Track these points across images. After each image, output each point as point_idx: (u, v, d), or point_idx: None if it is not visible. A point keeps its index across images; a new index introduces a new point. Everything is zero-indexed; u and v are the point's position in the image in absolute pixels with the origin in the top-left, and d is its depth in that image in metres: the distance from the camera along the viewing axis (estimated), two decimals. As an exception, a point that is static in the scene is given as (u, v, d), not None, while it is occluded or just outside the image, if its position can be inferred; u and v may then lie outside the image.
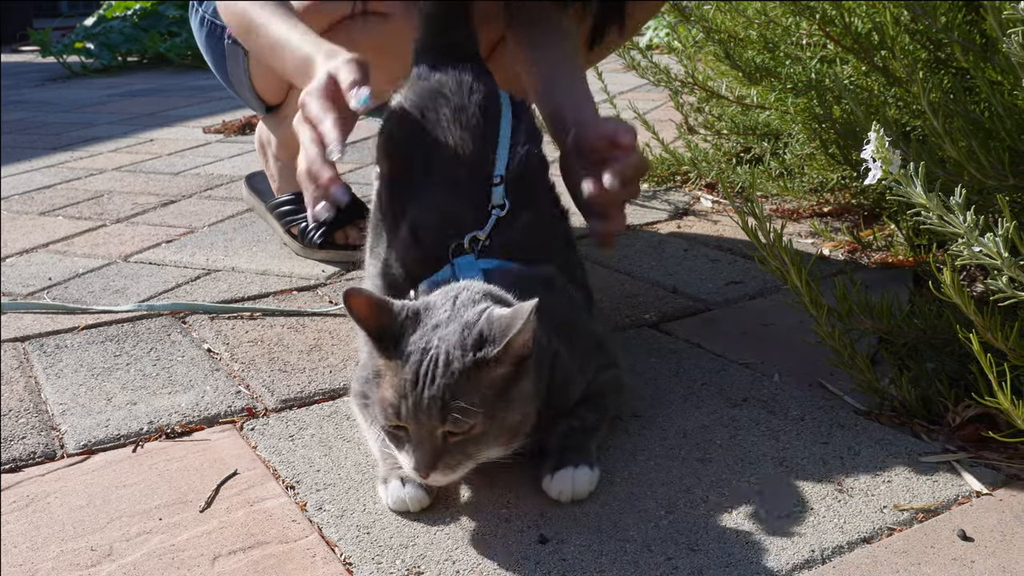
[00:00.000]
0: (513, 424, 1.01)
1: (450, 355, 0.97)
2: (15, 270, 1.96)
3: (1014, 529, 0.98)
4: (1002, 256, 0.94)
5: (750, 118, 2.19)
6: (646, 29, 5.22)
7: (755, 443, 1.17)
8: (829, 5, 1.50)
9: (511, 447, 1.03)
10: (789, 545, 0.97)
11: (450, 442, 0.97)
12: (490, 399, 0.97)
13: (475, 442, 0.98)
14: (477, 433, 0.98)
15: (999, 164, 1.14)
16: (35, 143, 3.51)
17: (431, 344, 0.98)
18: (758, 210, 1.12)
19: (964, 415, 1.16)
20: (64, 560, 1.00)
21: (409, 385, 0.97)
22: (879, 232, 1.87)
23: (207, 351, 1.51)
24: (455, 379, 0.96)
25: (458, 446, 0.98)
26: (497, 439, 1.00)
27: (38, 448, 1.23)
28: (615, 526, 1.01)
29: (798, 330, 1.37)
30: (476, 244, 1.20)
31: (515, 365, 0.99)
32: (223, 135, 3.48)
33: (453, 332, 0.98)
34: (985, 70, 1.24)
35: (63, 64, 6.22)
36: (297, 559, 0.99)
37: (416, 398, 0.96)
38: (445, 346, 0.97)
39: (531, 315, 0.96)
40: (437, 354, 0.97)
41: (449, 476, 0.99)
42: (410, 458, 0.98)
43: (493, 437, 1.00)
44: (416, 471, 0.98)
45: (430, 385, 0.96)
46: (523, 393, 1.01)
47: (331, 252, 1.91)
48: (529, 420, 1.03)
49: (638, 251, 1.91)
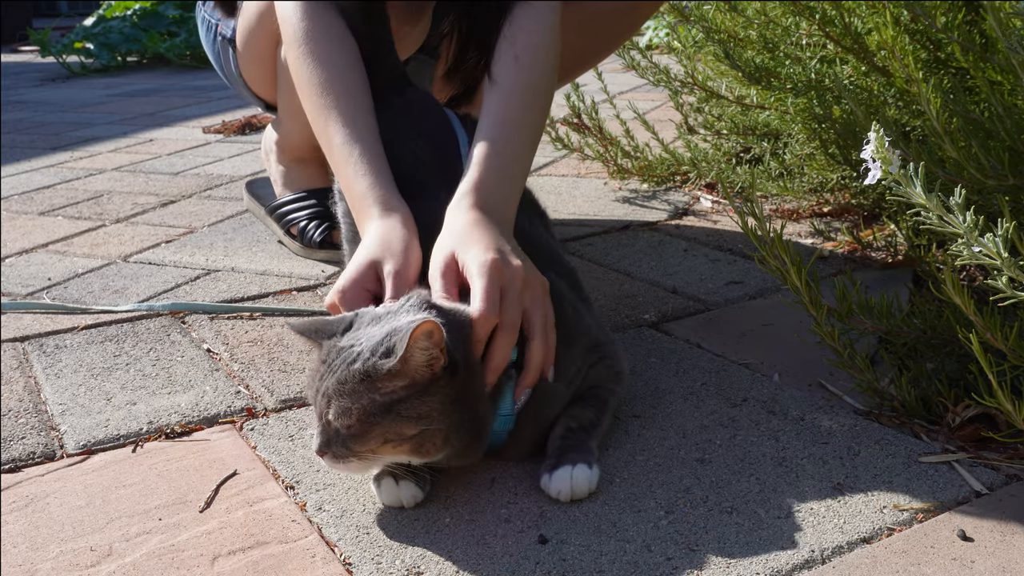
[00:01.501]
0: (408, 436, 1.00)
1: (357, 356, 1.00)
2: (15, 270, 1.96)
3: (1014, 529, 0.98)
4: (1002, 256, 0.94)
5: (750, 118, 2.18)
6: (646, 29, 5.22)
7: (755, 443, 1.17)
8: (829, 5, 1.50)
9: (423, 459, 1.03)
10: (789, 545, 0.97)
11: (343, 433, 1.00)
12: (378, 406, 0.98)
13: (359, 442, 1.00)
14: (357, 434, 0.99)
15: (999, 164, 1.14)
16: (35, 143, 3.51)
17: (352, 343, 1.02)
18: (758, 210, 1.12)
19: (964, 415, 1.16)
20: (64, 560, 1.00)
21: (315, 373, 1.03)
22: (879, 232, 1.87)
23: (207, 351, 1.51)
24: (346, 378, 0.99)
25: (345, 441, 1.00)
26: (390, 446, 1.00)
27: (38, 448, 1.23)
28: (615, 526, 1.01)
29: (798, 330, 1.37)
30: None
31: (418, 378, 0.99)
32: (223, 135, 3.48)
33: (376, 335, 1.02)
34: (985, 70, 1.24)
35: (63, 64, 6.22)
36: (297, 559, 0.99)
37: (316, 386, 1.02)
38: (360, 348, 1.01)
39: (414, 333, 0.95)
40: (350, 353, 1.01)
41: (339, 466, 1.02)
42: (314, 439, 1.03)
43: (381, 443, 1.00)
44: (314, 450, 1.02)
45: (329, 378, 1.01)
46: (422, 411, 0.99)
47: (330, 252, 1.91)
48: (436, 437, 1.01)
49: (638, 251, 1.91)
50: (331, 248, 1.91)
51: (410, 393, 0.99)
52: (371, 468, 1.05)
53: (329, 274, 1.84)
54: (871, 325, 1.20)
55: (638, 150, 2.40)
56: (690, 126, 2.54)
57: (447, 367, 1.00)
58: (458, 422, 1.02)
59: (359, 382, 0.99)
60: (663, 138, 2.40)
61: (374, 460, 1.02)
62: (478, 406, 1.05)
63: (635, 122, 2.50)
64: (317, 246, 1.91)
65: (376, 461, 1.03)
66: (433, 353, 0.98)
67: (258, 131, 3.46)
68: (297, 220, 1.95)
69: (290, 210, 1.97)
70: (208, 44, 1.95)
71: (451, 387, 1.01)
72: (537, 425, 1.13)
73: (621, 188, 2.41)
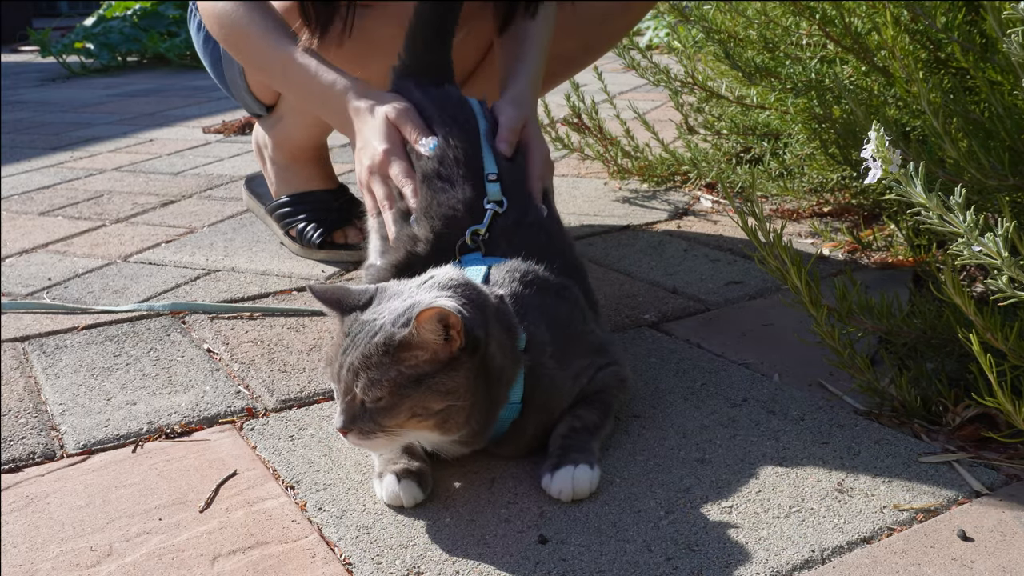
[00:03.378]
0: (435, 411, 1.02)
1: (380, 329, 1.01)
2: (15, 270, 1.96)
3: (1014, 529, 0.98)
4: (1002, 256, 0.94)
5: (750, 118, 2.18)
6: (646, 29, 5.22)
7: (755, 443, 1.17)
8: (829, 5, 1.50)
9: (445, 436, 1.05)
10: (789, 545, 0.97)
11: (367, 409, 1.01)
12: (406, 379, 1.00)
13: (388, 415, 1.01)
14: (386, 407, 1.01)
15: (999, 164, 1.14)
16: (35, 143, 3.51)
17: (375, 317, 1.03)
18: (758, 210, 1.12)
19: (964, 415, 1.16)
20: (64, 560, 1.00)
21: (340, 349, 1.03)
22: (879, 232, 1.87)
23: (207, 351, 1.51)
24: (372, 351, 1.00)
25: (372, 415, 1.01)
26: (416, 420, 1.02)
27: (38, 448, 1.23)
28: (615, 526, 1.01)
29: (798, 330, 1.37)
30: (477, 238, 1.24)
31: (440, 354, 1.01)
32: (223, 135, 3.48)
33: (396, 309, 1.03)
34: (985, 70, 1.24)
35: (63, 64, 6.22)
36: (297, 559, 0.99)
37: (341, 361, 1.03)
38: (382, 321, 1.02)
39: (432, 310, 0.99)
40: (373, 326, 1.02)
41: (364, 442, 1.03)
42: (336, 416, 1.03)
43: (408, 417, 1.02)
44: (337, 428, 1.03)
45: (353, 352, 1.01)
46: (450, 386, 1.02)
47: (330, 252, 1.91)
48: (460, 415, 1.04)
49: (638, 251, 1.91)
50: (331, 248, 1.91)
51: (436, 368, 1.01)
52: (395, 444, 1.06)
53: (329, 274, 1.84)
54: (871, 325, 1.20)
55: (638, 150, 2.40)
56: (690, 126, 2.54)
57: (466, 346, 1.02)
58: (481, 401, 1.05)
59: (383, 354, 1.00)
60: (663, 138, 2.40)
61: (400, 436, 1.04)
62: (498, 389, 1.07)
63: (635, 122, 2.50)
64: (317, 247, 1.91)
65: (402, 437, 1.04)
66: (450, 333, 1.00)
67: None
68: (296, 221, 1.95)
69: (289, 211, 1.97)
70: (204, 49, 1.95)
71: (474, 364, 1.03)
72: (540, 416, 1.13)
73: (621, 188, 2.41)
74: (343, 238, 1.92)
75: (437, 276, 1.09)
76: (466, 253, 1.24)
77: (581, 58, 1.99)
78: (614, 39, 2.00)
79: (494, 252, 1.23)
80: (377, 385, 1.00)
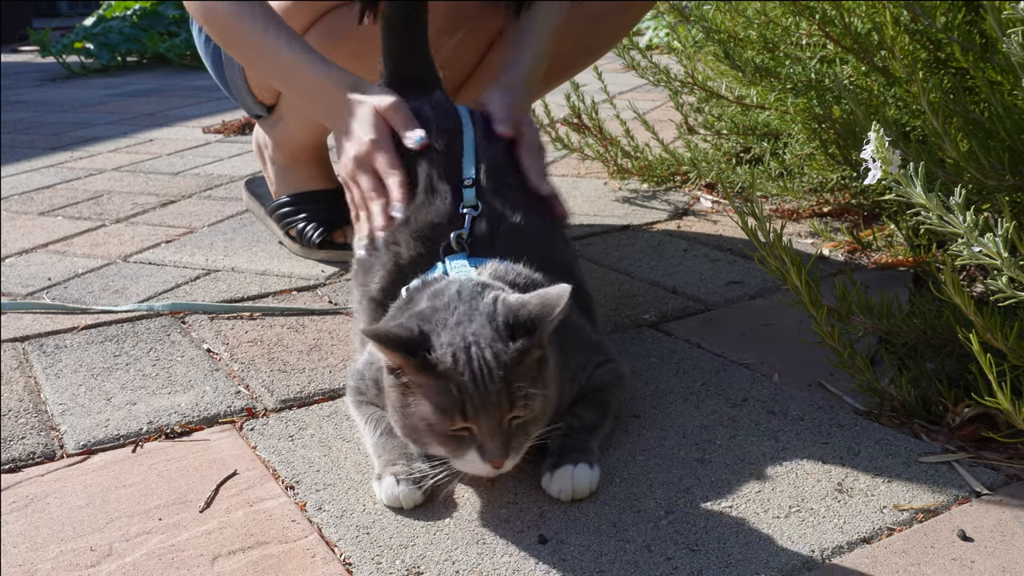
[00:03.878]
0: (553, 400, 1.06)
1: (493, 347, 0.99)
2: (15, 270, 1.96)
3: (1014, 529, 0.98)
4: (1002, 256, 0.94)
5: (750, 118, 2.18)
6: (646, 29, 5.22)
7: (755, 443, 1.17)
8: (829, 5, 1.50)
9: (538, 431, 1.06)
10: (789, 545, 0.97)
11: (514, 426, 1.01)
12: (538, 379, 1.02)
13: (534, 422, 1.03)
14: (536, 413, 1.02)
15: (999, 164, 1.14)
16: (34, 143, 3.51)
17: (467, 343, 1.00)
18: (758, 210, 1.12)
19: (964, 415, 1.16)
20: (64, 560, 1.00)
21: (469, 385, 0.98)
22: (879, 232, 1.87)
23: (207, 351, 1.51)
24: (510, 368, 0.99)
25: (520, 429, 1.01)
26: (545, 416, 1.05)
27: (38, 448, 1.23)
28: (615, 526, 1.01)
29: (798, 330, 1.37)
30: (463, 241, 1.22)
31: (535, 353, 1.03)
32: (223, 135, 3.48)
33: (481, 326, 1.01)
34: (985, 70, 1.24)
35: (62, 64, 6.21)
36: (297, 559, 0.99)
37: (482, 393, 0.98)
38: (481, 341, 1.00)
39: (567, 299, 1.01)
40: (480, 350, 0.99)
41: (515, 460, 1.03)
42: (479, 454, 1.00)
43: (543, 414, 1.04)
44: (491, 462, 1.00)
45: (491, 379, 0.98)
46: (552, 371, 1.06)
47: (330, 252, 1.91)
48: (557, 397, 1.07)
49: (638, 251, 1.91)
50: (331, 248, 1.91)
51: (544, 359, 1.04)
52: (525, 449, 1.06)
53: (329, 274, 1.84)
54: (871, 325, 1.20)
55: (638, 150, 2.40)
56: (690, 126, 2.54)
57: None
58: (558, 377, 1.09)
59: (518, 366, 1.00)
60: (663, 138, 2.40)
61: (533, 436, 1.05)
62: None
63: (635, 122, 2.49)
64: (316, 247, 1.91)
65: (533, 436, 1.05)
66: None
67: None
68: (296, 221, 1.95)
69: (289, 211, 1.97)
70: (205, 49, 1.95)
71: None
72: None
73: (621, 188, 2.41)
74: (343, 238, 1.92)
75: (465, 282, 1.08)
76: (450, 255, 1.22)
77: (580, 59, 1.99)
78: (613, 40, 2.00)
79: (479, 253, 1.23)
80: (533, 399, 1.00)
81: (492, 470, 1.01)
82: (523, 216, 1.28)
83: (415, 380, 1.01)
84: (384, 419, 1.15)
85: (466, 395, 0.98)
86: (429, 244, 1.23)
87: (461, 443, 1.00)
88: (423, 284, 1.15)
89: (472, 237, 1.22)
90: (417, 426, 1.01)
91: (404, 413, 1.03)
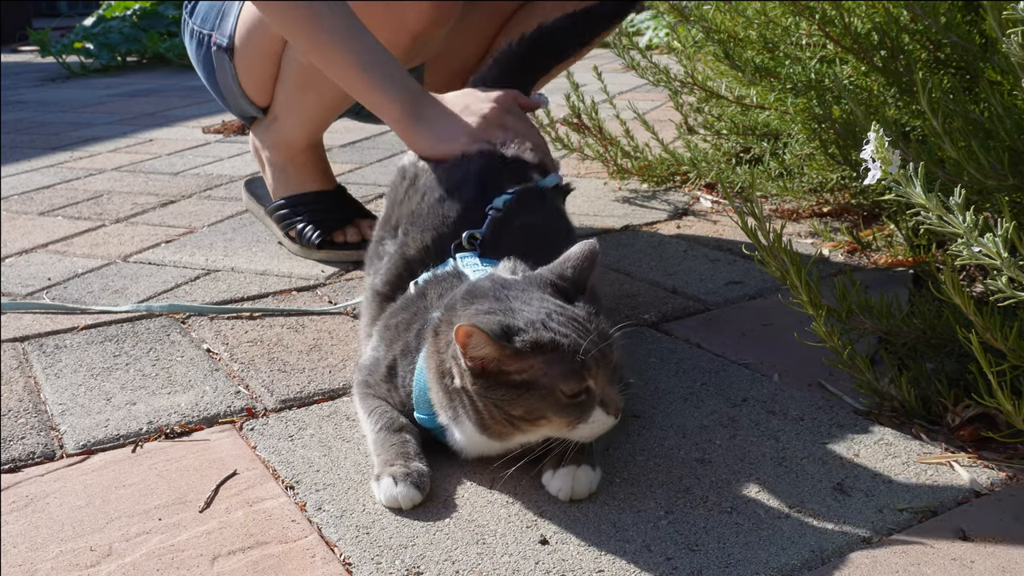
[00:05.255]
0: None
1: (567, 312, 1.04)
2: (15, 270, 1.96)
3: (1014, 529, 0.98)
4: (1002, 256, 0.94)
5: (750, 118, 2.18)
6: (646, 29, 5.21)
7: (755, 443, 1.17)
8: (829, 5, 1.50)
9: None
10: (789, 545, 0.97)
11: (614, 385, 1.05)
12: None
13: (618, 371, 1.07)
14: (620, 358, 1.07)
15: (999, 164, 1.14)
16: (34, 143, 3.51)
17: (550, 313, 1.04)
18: (757, 210, 1.12)
19: (964, 415, 1.16)
20: (64, 560, 1.00)
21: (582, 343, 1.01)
22: (879, 232, 1.87)
23: (206, 351, 1.51)
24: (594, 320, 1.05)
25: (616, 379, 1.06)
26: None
27: (38, 448, 1.23)
28: (615, 526, 1.01)
29: (798, 330, 1.37)
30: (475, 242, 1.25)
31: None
32: (223, 135, 3.48)
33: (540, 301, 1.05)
34: (985, 70, 1.24)
35: (62, 64, 6.21)
36: (297, 559, 0.99)
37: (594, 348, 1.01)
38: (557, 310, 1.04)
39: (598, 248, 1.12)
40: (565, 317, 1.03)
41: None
42: (603, 408, 1.02)
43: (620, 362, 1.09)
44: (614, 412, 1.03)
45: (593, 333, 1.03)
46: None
47: (329, 252, 1.91)
48: None
49: (638, 251, 1.91)
50: (330, 248, 1.91)
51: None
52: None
53: (329, 274, 1.84)
54: (871, 325, 1.20)
55: (638, 150, 2.40)
56: (690, 126, 2.54)
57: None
58: None
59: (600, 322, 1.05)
60: (663, 138, 2.40)
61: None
62: None
63: (635, 122, 2.49)
64: (316, 247, 1.91)
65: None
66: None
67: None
68: (295, 222, 1.95)
69: (288, 212, 1.97)
70: (197, 56, 1.95)
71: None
72: None
73: (621, 188, 2.41)
74: (342, 237, 1.92)
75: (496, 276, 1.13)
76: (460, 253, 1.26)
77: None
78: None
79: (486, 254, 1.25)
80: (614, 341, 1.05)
81: (614, 420, 1.04)
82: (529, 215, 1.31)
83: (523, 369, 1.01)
84: (386, 414, 1.15)
85: (584, 354, 1.00)
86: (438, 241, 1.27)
87: (583, 408, 1.02)
88: (434, 279, 1.16)
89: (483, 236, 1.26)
90: (535, 410, 1.02)
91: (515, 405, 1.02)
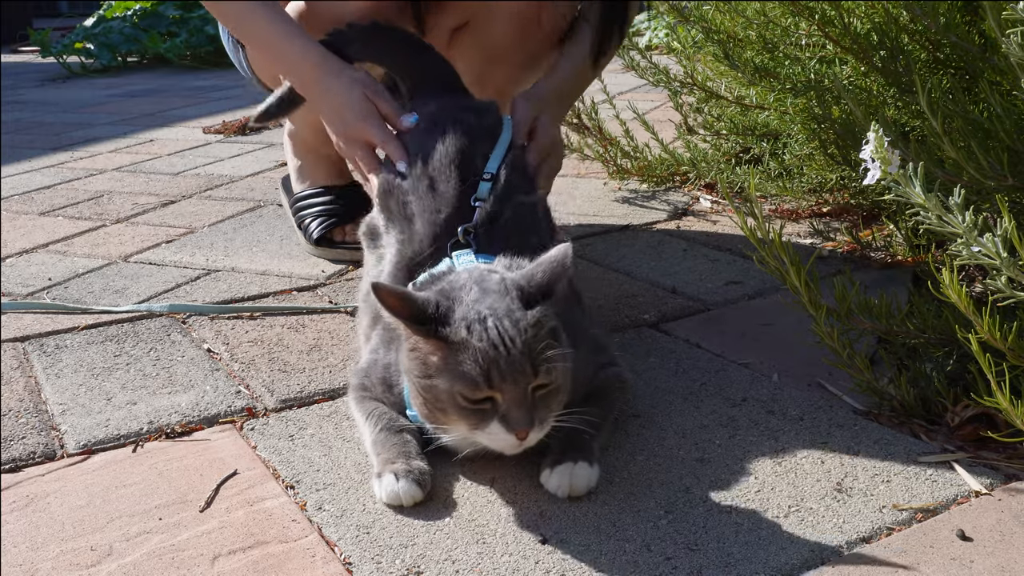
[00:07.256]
0: (568, 374, 1.06)
1: (511, 316, 1.01)
2: (15, 270, 1.96)
3: (1013, 529, 0.98)
4: (1001, 256, 0.94)
5: (749, 118, 2.18)
6: (645, 29, 5.22)
7: (754, 443, 1.17)
8: (828, 6, 1.50)
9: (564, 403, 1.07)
10: (789, 545, 0.97)
11: (537, 397, 1.01)
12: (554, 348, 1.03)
13: (555, 394, 1.03)
14: (557, 383, 1.02)
15: (998, 164, 1.14)
16: (35, 143, 3.51)
17: (483, 315, 1.01)
18: (757, 210, 1.12)
19: (963, 415, 1.16)
20: (64, 560, 1.00)
21: (491, 352, 0.99)
22: (878, 232, 1.87)
23: (207, 351, 1.51)
24: (531, 334, 1.01)
25: (543, 401, 1.02)
26: (565, 389, 1.05)
27: (38, 448, 1.23)
28: (615, 526, 1.01)
29: (797, 330, 1.37)
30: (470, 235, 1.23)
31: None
32: (223, 135, 3.48)
33: (496, 300, 1.03)
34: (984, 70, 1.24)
35: (63, 64, 6.21)
36: (297, 559, 0.99)
37: (506, 360, 0.99)
38: (499, 312, 1.01)
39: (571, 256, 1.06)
40: (498, 320, 1.00)
41: (539, 433, 1.03)
42: (503, 424, 1.00)
43: (563, 387, 1.04)
44: (515, 432, 1.00)
45: (513, 345, 0.99)
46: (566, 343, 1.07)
47: (325, 250, 1.92)
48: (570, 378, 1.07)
49: (638, 251, 1.91)
50: (326, 246, 1.91)
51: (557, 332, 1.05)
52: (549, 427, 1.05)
53: (329, 274, 1.84)
54: (870, 325, 1.20)
55: (638, 150, 2.40)
56: (690, 126, 2.54)
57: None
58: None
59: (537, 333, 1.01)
60: (663, 138, 2.41)
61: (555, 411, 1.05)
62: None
63: (635, 122, 2.49)
64: (313, 243, 1.91)
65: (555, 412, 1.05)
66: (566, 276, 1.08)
67: (258, 132, 3.46)
68: (305, 216, 1.96)
69: (303, 205, 1.99)
70: (226, 41, 1.97)
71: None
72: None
73: (621, 188, 2.41)
74: (342, 235, 1.92)
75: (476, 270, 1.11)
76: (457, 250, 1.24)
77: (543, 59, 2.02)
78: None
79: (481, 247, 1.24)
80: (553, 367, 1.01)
81: (516, 442, 1.01)
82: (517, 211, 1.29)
83: (435, 354, 1.02)
84: (385, 416, 1.15)
85: (490, 363, 0.99)
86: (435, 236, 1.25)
87: (484, 416, 1.01)
88: (431, 279, 1.16)
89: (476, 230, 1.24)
90: (439, 400, 1.02)
91: (425, 387, 1.03)
